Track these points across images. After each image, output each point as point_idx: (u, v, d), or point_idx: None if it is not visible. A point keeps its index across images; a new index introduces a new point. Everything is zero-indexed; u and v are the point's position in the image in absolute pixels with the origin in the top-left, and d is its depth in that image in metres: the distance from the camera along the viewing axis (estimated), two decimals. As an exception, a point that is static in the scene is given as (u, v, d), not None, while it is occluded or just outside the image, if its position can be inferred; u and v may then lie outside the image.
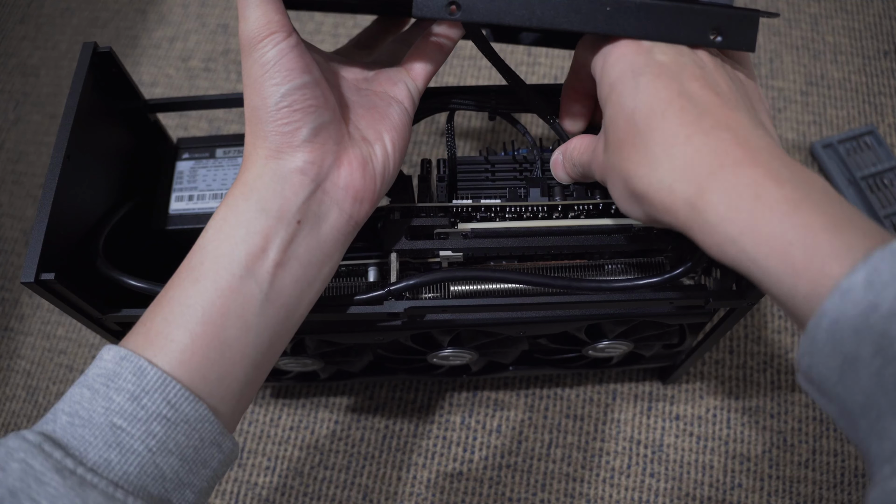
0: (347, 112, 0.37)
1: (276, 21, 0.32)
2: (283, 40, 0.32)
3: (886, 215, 0.61)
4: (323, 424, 0.58)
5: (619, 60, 0.33)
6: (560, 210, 0.42)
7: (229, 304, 0.31)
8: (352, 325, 0.43)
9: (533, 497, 0.55)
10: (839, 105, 0.69)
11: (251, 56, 0.32)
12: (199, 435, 0.30)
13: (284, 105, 0.32)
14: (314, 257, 0.34)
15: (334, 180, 0.34)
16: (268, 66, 0.32)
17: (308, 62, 0.33)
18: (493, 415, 0.58)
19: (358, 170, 0.35)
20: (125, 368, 0.29)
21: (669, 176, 0.29)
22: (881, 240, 0.24)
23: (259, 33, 0.32)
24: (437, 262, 0.43)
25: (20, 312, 0.64)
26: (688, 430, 0.57)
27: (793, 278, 0.25)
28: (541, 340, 0.49)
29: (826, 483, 0.54)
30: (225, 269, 0.31)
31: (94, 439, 0.28)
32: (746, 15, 0.34)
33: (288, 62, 0.32)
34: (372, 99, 0.38)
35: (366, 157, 0.35)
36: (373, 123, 0.37)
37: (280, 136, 0.33)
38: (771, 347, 0.59)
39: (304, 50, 0.33)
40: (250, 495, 0.55)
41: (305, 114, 0.33)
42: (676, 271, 0.39)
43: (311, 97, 0.33)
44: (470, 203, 0.43)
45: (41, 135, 0.72)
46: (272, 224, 0.32)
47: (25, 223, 0.68)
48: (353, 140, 0.35)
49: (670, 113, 0.30)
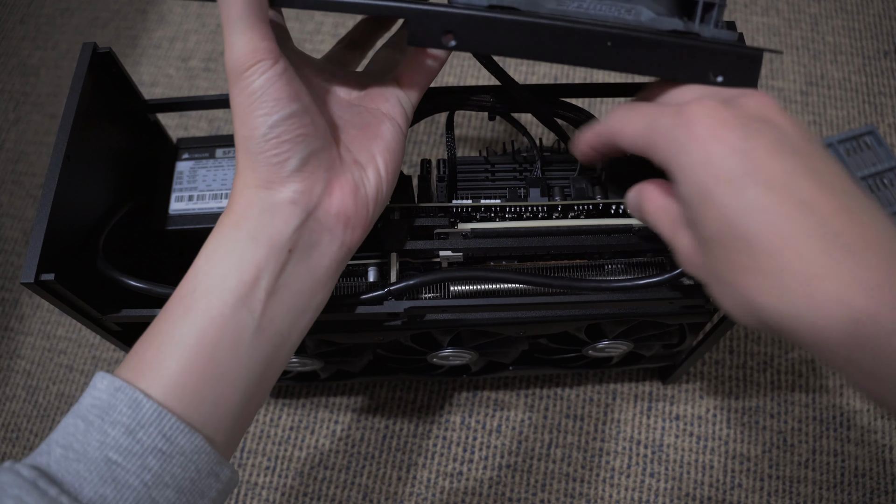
0: (339, 133, 0.36)
1: (263, 48, 0.31)
2: (269, 68, 0.31)
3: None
4: (323, 424, 0.58)
5: (705, 160, 0.28)
6: (560, 210, 0.42)
7: (221, 334, 0.31)
8: (352, 325, 0.43)
9: (533, 497, 0.55)
10: (839, 105, 0.69)
11: (237, 85, 0.31)
12: (195, 466, 0.30)
13: (273, 136, 0.32)
14: (306, 285, 0.33)
15: (325, 208, 0.33)
16: (255, 95, 0.31)
17: (296, 89, 0.32)
18: (493, 415, 0.58)
19: (350, 196, 0.34)
20: (120, 400, 0.29)
21: (813, 313, 0.26)
22: None
23: (245, 62, 0.31)
24: (437, 263, 0.43)
25: (20, 312, 0.64)
26: (688, 430, 0.57)
27: None
28: (541, 340, 0.49)
29: (826, 483, 0.54)
30: (217, 297, 0.31)
31: (88, 474, 0.28)
32: (749, 55, 0.33)
33: (275, 91, 0.31)
34: (364, 116, 0.37)
35: (357, 183, 0.35)
36: (365, 144, 0.36)
37: (269, 167, 0.32)
38: (771, 347, 0.59)
39: (293, 75, 0.32)
40: (250, 495, 0.55)
41: (294, 144, 0.32)
42: (676, 271, 0.39)
43: (300, 126, 0.32)
44: (470, 203, 0.43)
45: (41, 135, 0.72)
46: (263, 253, 0.32)
47: (25, 223, 0.68)
48: (344, 164, 0.35)
49: (796, 238, 0.26)
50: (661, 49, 0.32)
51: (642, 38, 0.32)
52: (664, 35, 0.32)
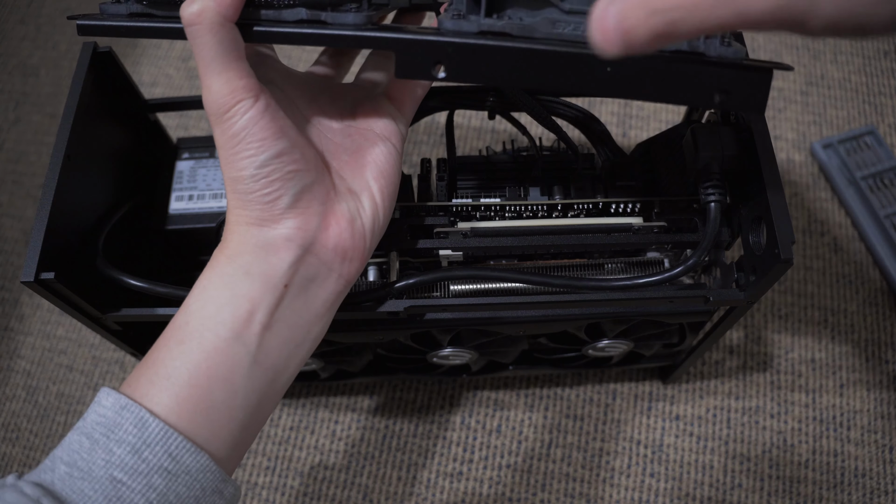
0: (330, 159, 0.35)
1: (242, 87, 0.30)
2: (251, 107, 0.30)
3: (887, 215, 0.61)
4: (323, 424, 0.58)
5: None
6: (560, 209, 0.42)
7: (215, 367, 0.30)
8: (352, 325, 0.43)
9: (533, 497, 0.55)
10: (839, 105, 0.69)
11: (219, 127, 0.30)
12: (200, 485, 0.30)
13: (262, 177, 0.31)
14: (303, 319, 0.33)
15: (322, 243, 0.33)
16: (238, 137, 0.30)
17: (281, 124, 0.31)
18: (493, 415, 0.58)
19: (346, 228, 0.33)
20: (126, 419, 0.29)
21: None
22: None
23: (224, 103, 0.30)
24: (437, 262, 0.43)
25: (20, 312, 0.64)
26: (688, 430, 0.57)
27: None
28: (541, 340, 0.49)
29: (826, 483, 0.54)
30: (210, 330, 0.30)
31: (94, 493, 0.28)
32: (757, 75, 0.30)
33: (259, 131, 0.30)
34: (356, 139, 0.36)
35: (353, 214, 0.34)
36: (358, 171, 0.35)
37: (261, 206, 0.31)
38: (771, 347, 0.59)
39: (276, 110, 0.31)
40: (250, 495, 0.55)
41: (285, 181, 0.31)
42: (676, 270, 0.39)
43: (290, 162, 0.31)
44: (470, 202, 0.43)
45: (41, 135, 0.72)
46: (258, 288, 0.31)
47: (25, 223, 0.68)
48: (338, 195, 0.34)
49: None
50: (664, 72, 0.30)
51: (644, 61, 0.30)
52: (667, 56, 0.30)
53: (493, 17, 0.31)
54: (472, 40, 0.30)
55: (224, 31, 0.29)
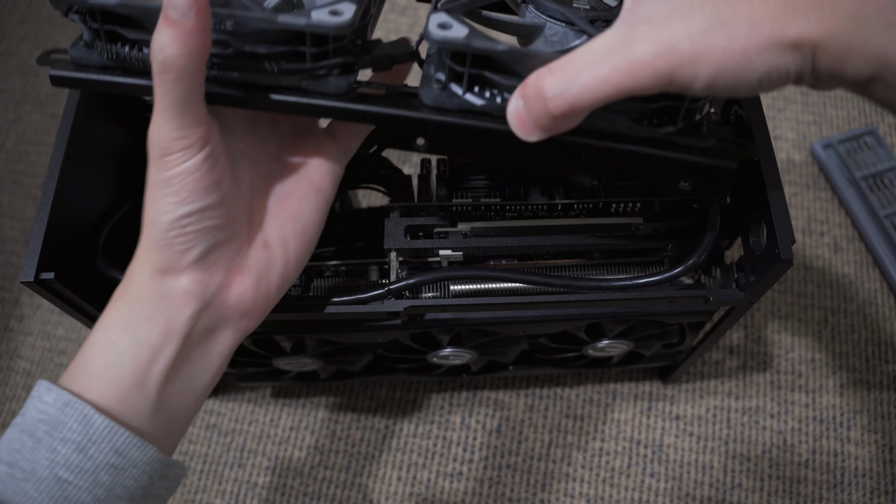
0: (256, 203, 0.34)
1: (192, 134, 0.29)
2: (193, 156, 0.29)
3: (886, 215, 0.61)
4: (323, 424, 0.58)
5: None
6: (560, 209, 0.42)
7: (118, 416, 0.29)
8: (352, 325, 0.43)
9: (533, 497, 0.55)
10: (839, 105, 0.69)
11: (156, 165, 0.29)
12: (147, 476, 0.29)
13: (180, 226, 0.29)
14: (200, 370, 0.32)
15: (222, 300, 0.32)
16: (171, 182, 0.29)
17: (217, 178, 0.30)
18: (493, 415, 0.58)
19: (250, 288, 0.32)
20: (69, 416, 0.28)
21: None
22: None
23: (169, 147, 0.29)
24: (437, 262, 0.43)
25: (20, 312, 0.64)
26: (688, 430, 0.57)
27: None
28: (541, 340, 0.49)
29: (826, 483, 0.54)
30: (112, 376, 0.30)
31: (38, 494, 0.27)
32: (722, 167, 0.32)
33: (193, 182, 0.29)
34: (288, 185, 0.34)
35: (261, 273, 0.33)
36: (280, 223, 0.34)
37: (170, 253, 0.30)
38: (771, 347, 0.59)
39: (217, 159, 0.30)
40: (250, 495, 0.55)
41: (200, 235, 0.30)
42: (676, 270, 0.39)
43: (211, 218, 0.30)
44: (470, 202, 0.43)
45: (41, 135, 0.72)
46: (159, 337, 0.30)
47: (25, 223, 0.68)
48: (251, 248, 0.33)
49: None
50: (635, 161, 0.32)
51: (616, 150, 0.31)
52: (639, 145, 0.31)
53: (474, 90, 0.31)
54: (453, 119, 0.31)
55: (193, 78, 0.28)
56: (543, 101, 0.26)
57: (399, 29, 0.76)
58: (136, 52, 0.31)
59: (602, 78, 0.25)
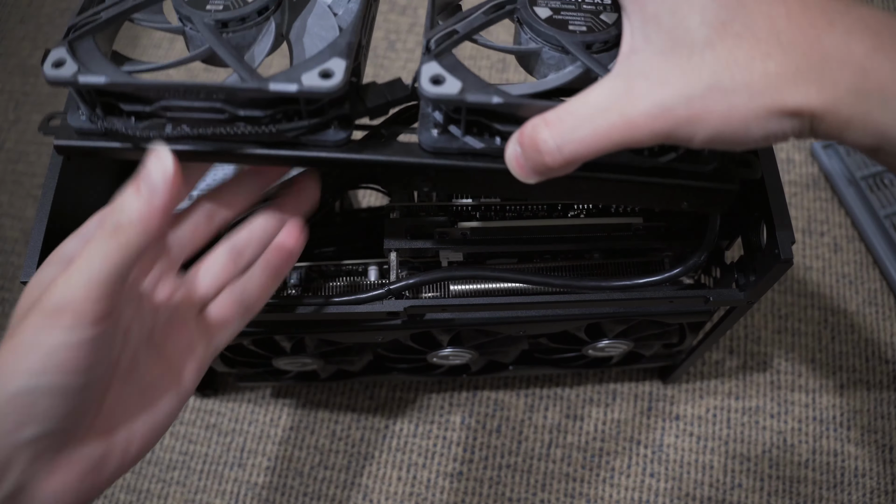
0: (113, 391, 0.29)
1: (98, 310, 0.25)
2: (82, 330, 0.25)
3: (886, 215, 0.61)
4: (323, 424, 0.58)
5: None
6: (560, 209, 0.42)
7: None
8: (352, 325, 0.43)
9: (533, 497, 0.55)
10: (839, 105, 0.69)
11: (37, 315, 0.25)
12: None
13: (21, 399, 0.25)
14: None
15: (34, 493, 0.26)
16: (41, 346, 0.25)
17: (93, 361, 0.26)
18: (493, 415, 0.58)
19: (72, 486, 0.27)
20: None
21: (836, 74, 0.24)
22: None
23: (63, 308, 0.25)
24: (437, 262, 0.43)
25: (20, 312, 0.64)
26: (688, 430, 0.57)
27: None
28: (541, 340, 0.49)
29: (826, 483, 0.54)
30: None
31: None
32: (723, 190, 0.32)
33: (67, 359, 0.25)
34: (153, 371, 0.30)
35: (92, 467, 0.28)
36: (131, 414, 0.29)
37: None
38: (771, 347, 0.59)
39: (106, 340, 0.26)
40: (250, 495, 0.55)
41: (37, 419, 0.25)
42: (676, 270, 0.39)
43: (59, 406, 0.26)
44: (470, 202, 0.43)
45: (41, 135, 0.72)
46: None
47: (25, 223, 0.68)
48: (88, 440, 0.28)
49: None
50: (637, 190, 0.32)
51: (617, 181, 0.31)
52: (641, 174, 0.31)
53: (473, 131, 0.31)
54: (454, 161, 0.31)
55: (136, 253, 0.26)
56: (540, 154, 0.27)
57: (399, 28, 0.76)
58: (133, 123, 0.31)
59: (599, 135, 0.26)
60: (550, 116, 0.27)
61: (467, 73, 0.29)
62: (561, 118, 0.26)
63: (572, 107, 0.26)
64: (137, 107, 0.31)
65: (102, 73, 0.29)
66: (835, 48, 0.24)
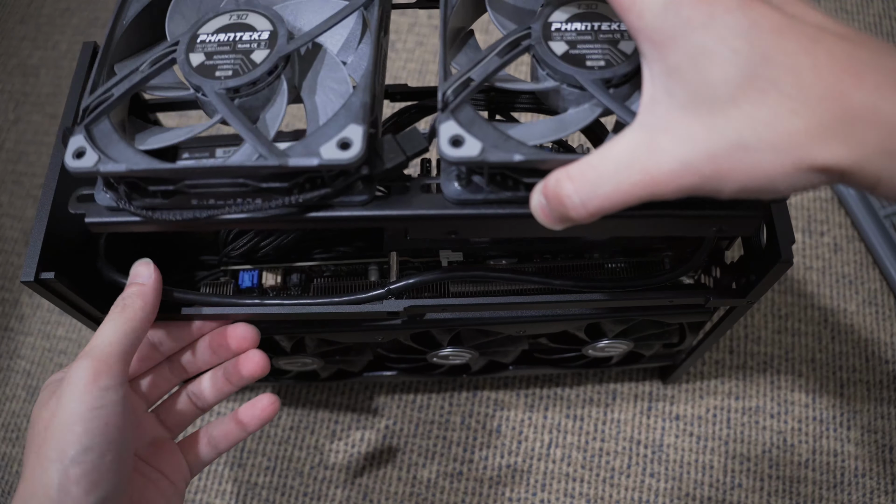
0: None
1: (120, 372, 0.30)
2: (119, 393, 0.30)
3: (886, 215, 0.61)
4: (323, 424, 0.58)
5: None
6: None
7: None
8: (352, 324, 0.43)
9: (533, 497, 0.55)
10: (839, 105, 0.69)
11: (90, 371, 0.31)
12: None
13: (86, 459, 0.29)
14: None
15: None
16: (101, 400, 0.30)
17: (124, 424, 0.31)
18: (493, 415, 0.58)
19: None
20: None
21: None
22: None
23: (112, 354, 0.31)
24: (437, 262, 0.43)
25: (20, 312, 0.64)
26: (688, 430, 0.57)
27: None
28: (541, 340, 0.49)
29: (826, 483, 0.54)
30: None
31: None
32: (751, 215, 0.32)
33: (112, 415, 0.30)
34: (143, 480, 0.35)
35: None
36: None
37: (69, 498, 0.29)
38: (771, 347, 0.59)
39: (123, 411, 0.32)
40: (250, 495, 0.55)
41: (99, 482, 0.29)
42: (676, 270, 0.39)
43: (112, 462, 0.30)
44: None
45: (41, 135, 0.72)
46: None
47: (25, 223, 0.68)
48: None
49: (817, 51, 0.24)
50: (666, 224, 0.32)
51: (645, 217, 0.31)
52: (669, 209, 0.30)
53: (496, 180, 0.31)
54: (480, 210, 0.31)
55: (140, 326, 0.30)
56: (564, 207, 0.26)
57: (399, 28, 0.76)
58: (158, 201, 0.32)
59: (622, 191, 0.26)
60: (574, 171, 0.26)
61: (486, 127, 0.29)
62: (584, 173, 0.26)
63: (595, 160, 0.26)
64: (161, 186, 0.32)
65: (123, 160, 0.30)
66: (863, 106, 0.23)
